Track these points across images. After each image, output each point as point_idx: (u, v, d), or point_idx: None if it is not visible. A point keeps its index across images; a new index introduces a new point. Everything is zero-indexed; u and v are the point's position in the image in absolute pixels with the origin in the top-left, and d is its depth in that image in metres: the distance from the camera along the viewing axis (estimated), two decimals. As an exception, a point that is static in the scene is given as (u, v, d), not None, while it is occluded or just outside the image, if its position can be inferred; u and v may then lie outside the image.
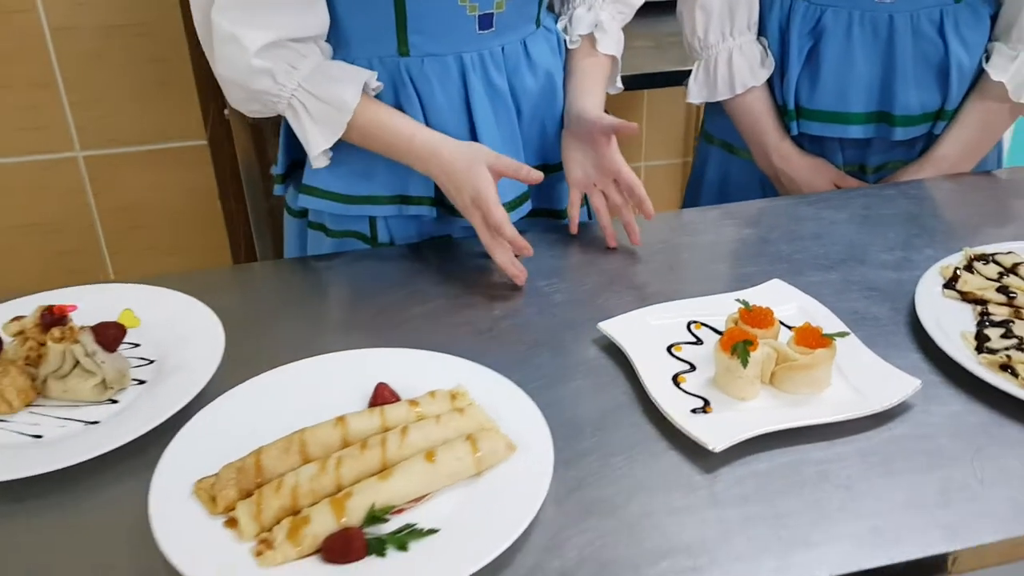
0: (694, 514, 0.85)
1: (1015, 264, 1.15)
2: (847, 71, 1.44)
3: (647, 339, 1.05)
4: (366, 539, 0.79)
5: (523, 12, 1.29)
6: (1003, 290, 1.11)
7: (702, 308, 1.11)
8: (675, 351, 1.04)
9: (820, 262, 1.24)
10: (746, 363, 0.94)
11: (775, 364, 0.98)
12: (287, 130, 1.33)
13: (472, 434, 0.88)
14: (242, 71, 1.16)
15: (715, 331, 1.07)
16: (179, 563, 0.76)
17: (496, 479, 0.86)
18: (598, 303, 1.17)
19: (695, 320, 1.09)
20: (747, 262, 1.26)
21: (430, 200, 1.29)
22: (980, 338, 1.03)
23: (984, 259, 1.17)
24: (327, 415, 0.92)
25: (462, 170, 1.18)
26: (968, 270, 1.16)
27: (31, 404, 0.99)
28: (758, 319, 1.01)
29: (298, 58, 1.18)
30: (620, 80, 1.44)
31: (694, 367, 1.02)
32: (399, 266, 1.27)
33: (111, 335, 0.99)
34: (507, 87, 1.30)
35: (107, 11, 1.84)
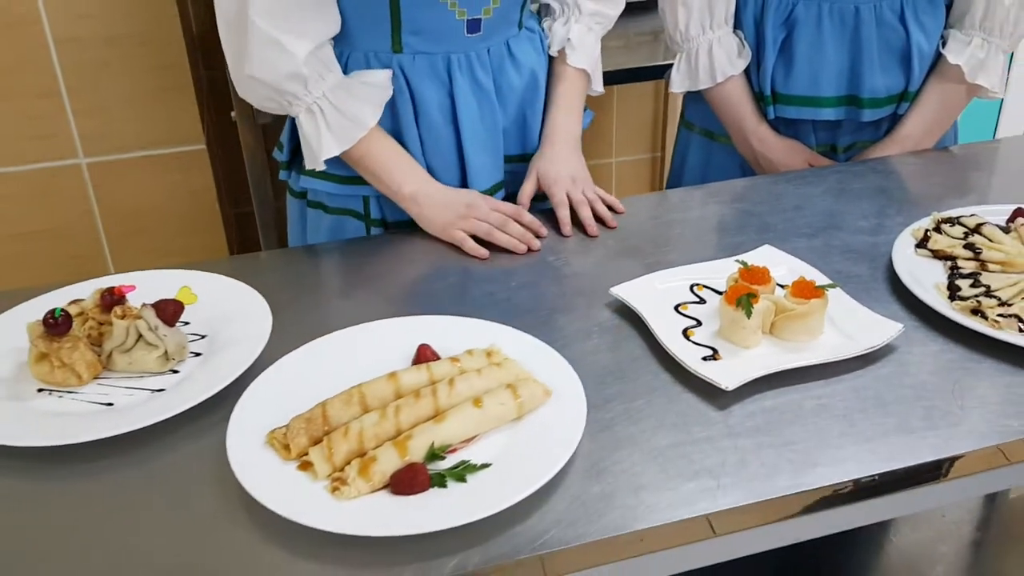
0: (713, 443, 0.95)
1: (979, 224, 1.27)
2: (818, 58, 1.56)
3: (656, 300, 1.16)
4: (428, 473, 0.89)
5: (507, 17, 1.39)
6: (970, 247, 1.23)
7: (702, 272, 1.22)
8: (682, 309, 1.15)
9: (803, 231, 1.36)
10: (750, 313, 1.05)
11: (774, 316, 1.09)
12: (292, 121, 1.42)
13: (512, 383, 0.98)
14: (281, 74, 1.24)
15: (716, 292, 1.18)
16: (266, 501, 0.85)
17: (536, 421, 0.96)
18: (605, 273, 1.27)
19: (697, 283, 1.20)
20: (736, 232, 1.37)
21: None
22: (952, 288, 1.16)
23: (950, 222, 1.30)
24: (378, 373, 1.01)
25: (441, 207, 1.35)
26: (936, 231, 1.28)
27: (98, 377, 1.06)
28: (756, 277, 1.12)
29: (326, 68, 1.28)
30: (601, 84, 1.55)
31: (700, 323, 1.13)
32: (419, 247, 1.36)
33: (171, 311, 1.07)
34: (492, 85, 1.40)
35: (109, 22, 1.89)
